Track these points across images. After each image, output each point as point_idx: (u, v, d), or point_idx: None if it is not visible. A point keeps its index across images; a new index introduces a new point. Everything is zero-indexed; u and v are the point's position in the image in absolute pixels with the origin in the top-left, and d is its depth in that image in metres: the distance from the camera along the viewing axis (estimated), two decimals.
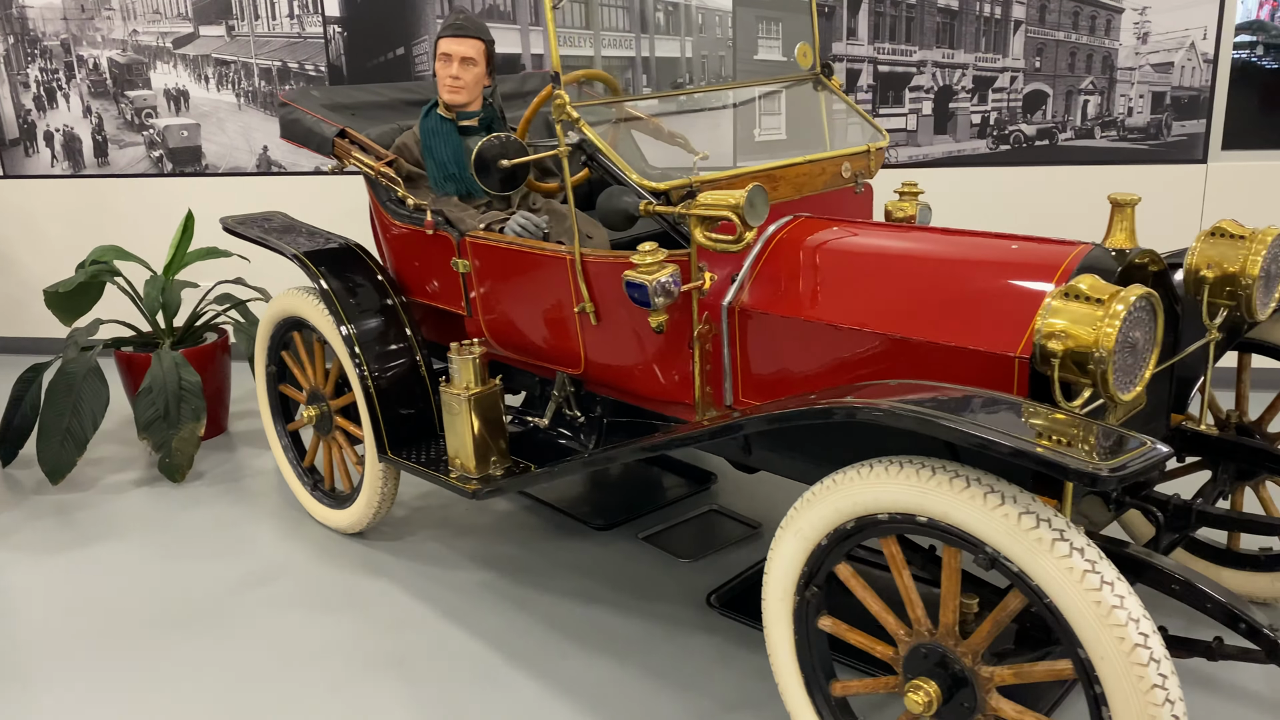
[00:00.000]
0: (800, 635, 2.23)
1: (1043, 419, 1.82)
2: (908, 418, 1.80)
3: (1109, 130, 4.63)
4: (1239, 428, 2.99)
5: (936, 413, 1.78)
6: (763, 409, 2.20)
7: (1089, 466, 1.60)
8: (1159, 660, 1.67)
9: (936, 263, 2.52)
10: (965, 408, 1.86)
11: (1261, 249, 2.41)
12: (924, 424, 1.78)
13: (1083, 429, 1.76)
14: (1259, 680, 2.70)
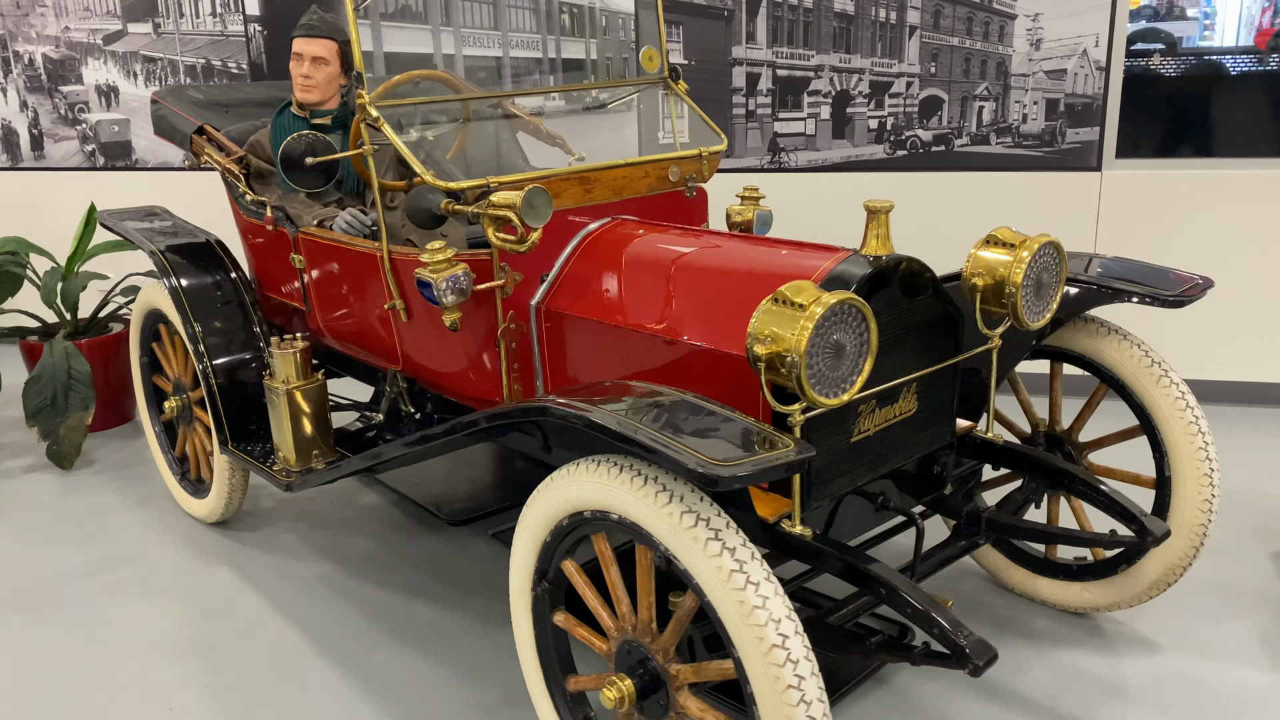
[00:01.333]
0: (539, 630, 2.26)
1: (715, 419, 1.85)
2: (573, 417, 1.83)
3: (1004, 136, 4.61)
4: (1049, 436, 2.99)
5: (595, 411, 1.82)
6: (506, 408, 2.24)
7: (702, 466, 1.63)
8: (796, 661, 1.69)
9: (711, 270, 2.55)
10: (653, 409, 1.89)
11: (1027, 256, 2.40)
12: (589, 424, 1.82)
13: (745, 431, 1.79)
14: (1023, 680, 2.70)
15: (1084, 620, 2.98)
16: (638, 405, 1.93)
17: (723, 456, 1.68)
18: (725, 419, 1.88)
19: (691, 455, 1.66)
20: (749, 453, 1.71)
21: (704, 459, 1.65)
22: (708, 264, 2.58)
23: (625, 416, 1.84)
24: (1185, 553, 2.70)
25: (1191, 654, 2.80)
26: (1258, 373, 4.54)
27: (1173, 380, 2.69)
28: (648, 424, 1.80)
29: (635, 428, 1.77)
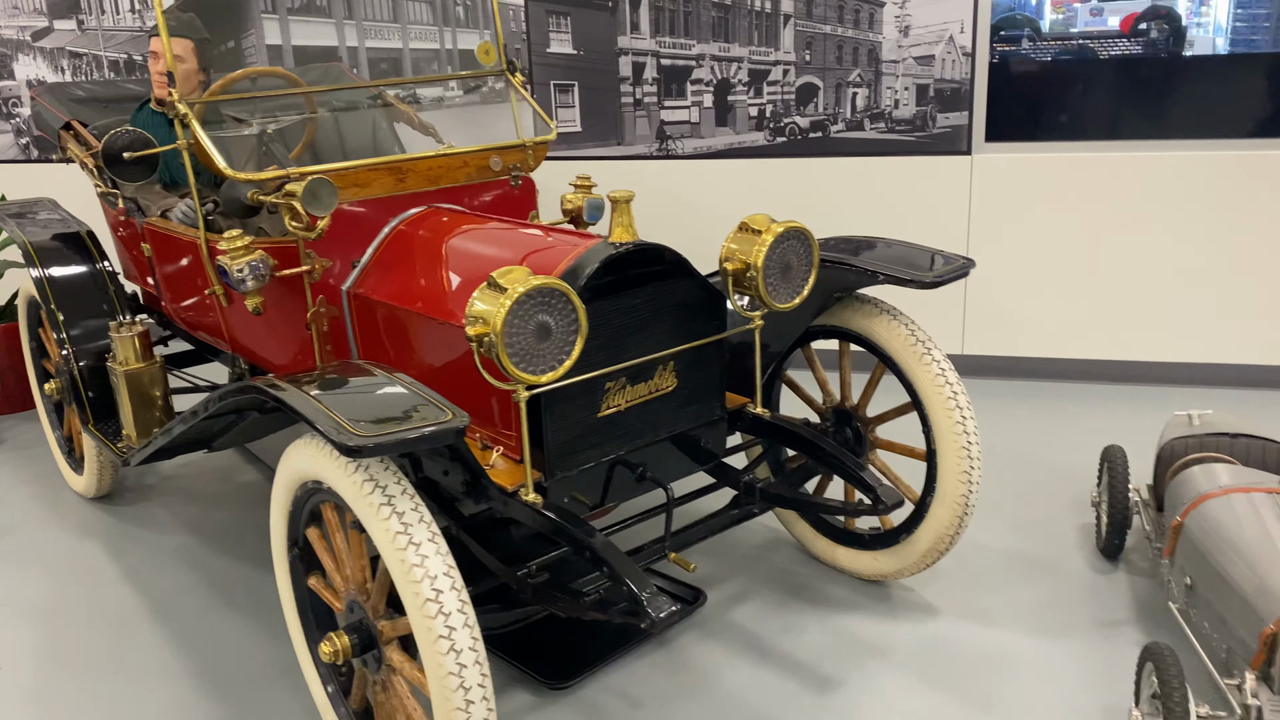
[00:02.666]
0: (297, 591, 2.44)
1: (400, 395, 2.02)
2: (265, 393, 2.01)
3: (877, 122, 4.72)
4: (839, 412, 3.13)
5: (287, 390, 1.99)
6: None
7: (339, 435, 1.80)
8: (449, 614, 1.86)
9: (479, 256, 2.72)
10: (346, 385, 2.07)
11: (769, 241, 2.54)
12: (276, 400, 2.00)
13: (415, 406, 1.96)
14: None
15: (876, 587, 3.13)
16: (338, 382, 2.10)
17: (376, 428, 1.85)
18: (409, 395, 2.04)
19: (339, 427, 1.83)
20: (403, 425, 1.87)
21: (348, 429, 1.82)
22: (479, 250, 2.74)
23: (316, 392, 2.01)
24: (951, 522, 2.84)
25: (965, 619, 2.94)
26: (1121, 351, 4.65)
27: (935, 358, 2.82)
28: (328, 398, 1.97)
29: (308, 402, 1.94)
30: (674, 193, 5.06)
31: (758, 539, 3.46)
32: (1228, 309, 4.46)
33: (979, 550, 3.31)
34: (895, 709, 2.57)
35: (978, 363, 4.92)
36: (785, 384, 3.28)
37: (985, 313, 4.78)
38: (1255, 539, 2.41)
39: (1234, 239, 4.37)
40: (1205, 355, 4.55)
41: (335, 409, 1.91)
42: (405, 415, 1.92)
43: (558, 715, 2.61)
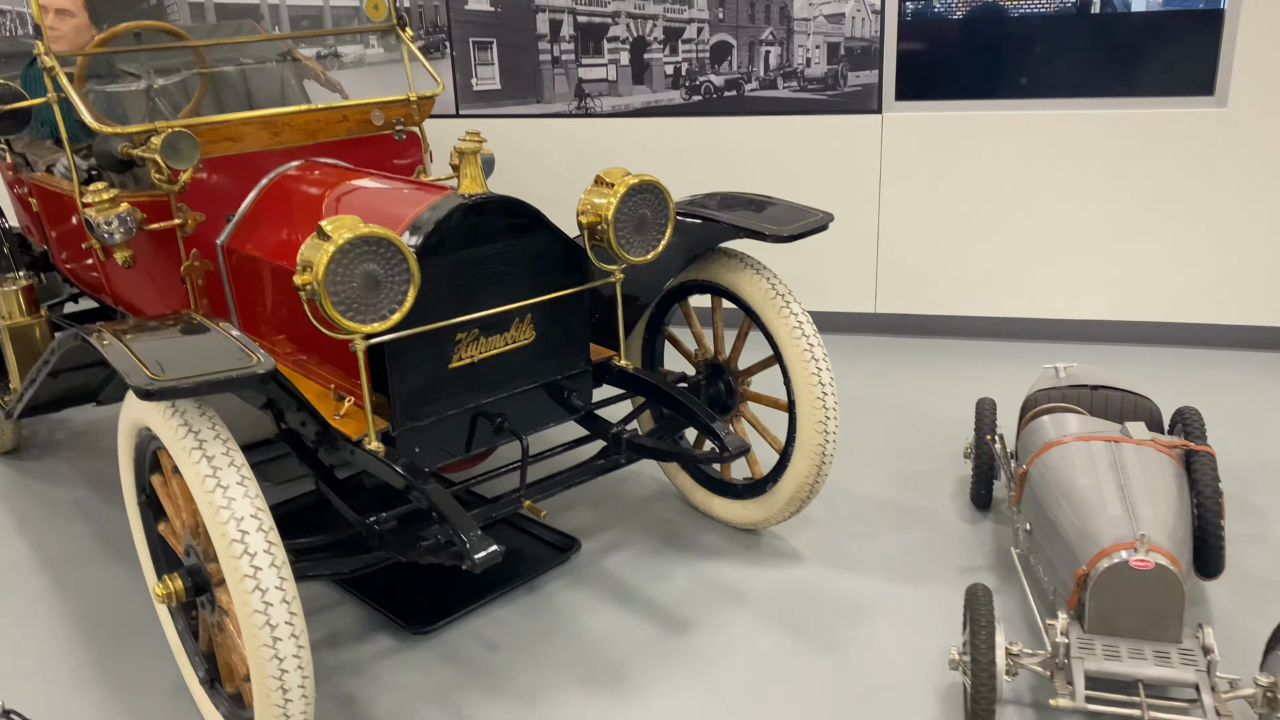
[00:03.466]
0: (148, 536, 2.49)
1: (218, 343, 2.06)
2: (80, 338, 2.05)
3: (790, 81, 4.73)
4: (712, 365, 3.18)
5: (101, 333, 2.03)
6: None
7: (134, 378, 1.84)
8: (254, 554, 1.91)
9: (339, 209, 2.74)
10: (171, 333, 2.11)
11: (620, 193, 2.57)
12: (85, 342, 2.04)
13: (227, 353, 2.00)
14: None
15: (748, 536, 3.20)
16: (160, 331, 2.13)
17: (176, 373, 1.89)
18: (221, 342, 2.08)
19: (140, 372, 1.87)
20: (203, 370, 1.91)
21: (147, 374, 1.86)
22: (339, 203, 2.77)
23: (134, 340, 2.05)
24: (810, 471, 2.91)
25: (829, 567, 3.01)
26: (1025, 309, 4.71)
27: (793, 310, 2.87)
28: (142, 346, 2.00)
29: (120, 350, 1.97)
30: (593, 151, 5.07)
31: (645, 491, 3.52)
32: (1127, 266, 4.52)
33: (856, 500, 3.38)
34: (742, 650, 2.65)
35: (891, 321, 4.98)
36: (666, 338, 3.32)
37: (897, 272, 4.83)
38: (1084, 485, 2.48)
39: (1133, 196, 4.42)
40: (1109, 312, 4.61)
41: (144, 356, 1.95)
42: (210, 361, 1.96)
43: (415, 658, 2.67)
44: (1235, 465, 3.46)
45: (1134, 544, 2.21)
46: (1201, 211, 4.37)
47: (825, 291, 4.96)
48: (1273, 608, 2.71)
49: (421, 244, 2.40)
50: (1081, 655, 2.19)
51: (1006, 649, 2.24)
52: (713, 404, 3.18)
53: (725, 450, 2.63)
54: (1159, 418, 2.97)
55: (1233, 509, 3.19)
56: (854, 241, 4.84)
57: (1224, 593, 2.78)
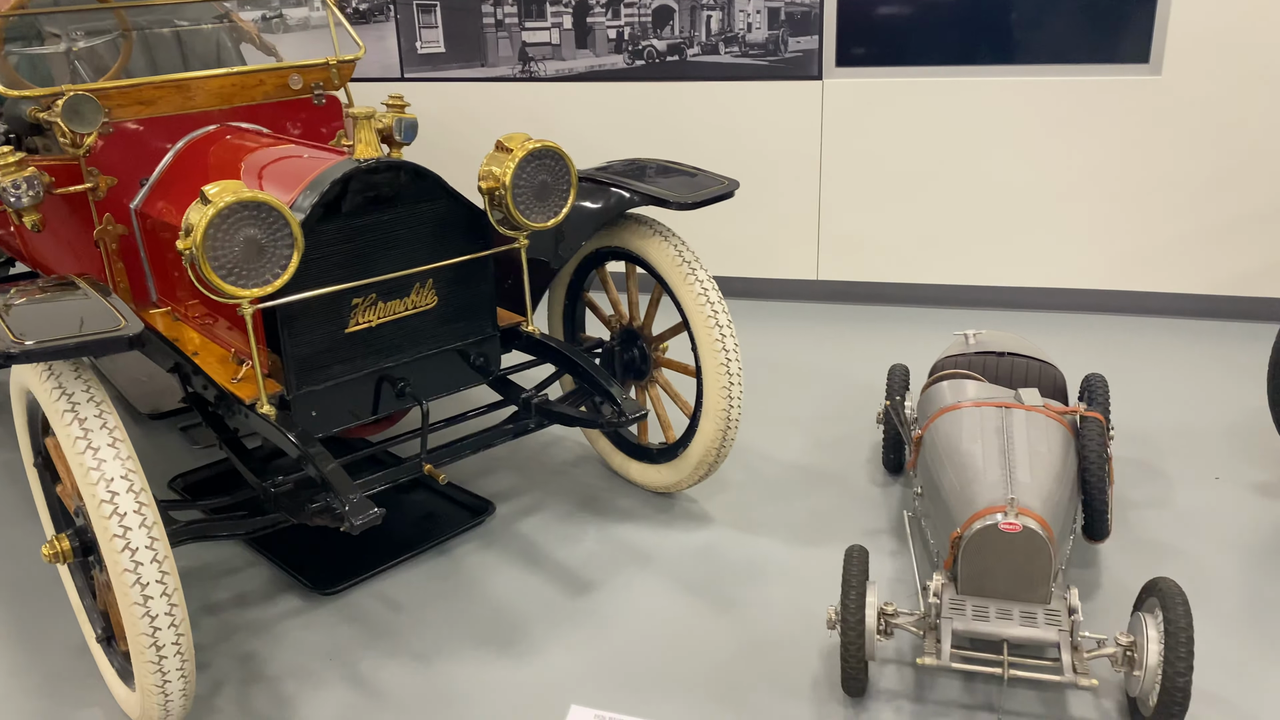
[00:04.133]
0: (47, 497, 2.52)
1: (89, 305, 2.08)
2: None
3: (731, 46, 4.72)
4: (627, 331, 3.21)
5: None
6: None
7: None
8: (123, 514, 1.94)
9: (243, 171, 2.75)
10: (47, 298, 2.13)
11: (518, 158, 2.59)
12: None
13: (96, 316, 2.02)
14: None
15: (663, 500, 3.24)
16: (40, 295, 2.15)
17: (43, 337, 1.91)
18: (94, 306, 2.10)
19: (4, 337, 1.89)
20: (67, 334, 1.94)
21: (10, 338, 1.88)
22: (241, 167, 2.77)
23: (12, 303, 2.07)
24: (715, 435, 2.94)
25: (737, 529, 3.06)
26: (962, 276, 4.74)
27: (699, 278, 2.89)
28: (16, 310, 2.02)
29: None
30: (537, 115, 5.06)
31: (568, 455, 3.56)
32: (1065, 234, 4.55)
33: (773, 464, 3.43)
34: (642, 610, 2.70)
35: (833, 288, 5.01)
36: (586, 304, 3.35)
37: (839, 239, 4.85)
38: (968, 450, 2.52)
39: (1071, 165, 4.44)
40: (1047, 280, 4.64)
41: (14, 320, 1.97)
42: (80, 324, 1.98)
43: (319, 617, 2.72)
44: (1150, 431, 3.51)
45: (1004, 508, 2.26)
46: (1137, 180, 4.39)
47: (768, 259, 4.98)
48: (1163, 570, 2.77)
49: (312, 210, 2.41)
50: (951, 615, 2.24)
51: (881, 609, 2.29)
52: (628, 369, 3.22)
53: (621, 414, 2.66)
54: (1063, 384, 3.01)
55: (1141, 474, 3.25)
56: (796, 209, 4.85)
57: (1117, 554, 2.83)
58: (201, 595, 2.84)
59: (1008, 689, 2.34)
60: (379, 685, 2.46)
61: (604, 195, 2.91)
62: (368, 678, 2.48)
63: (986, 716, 2.27)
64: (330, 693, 2.44)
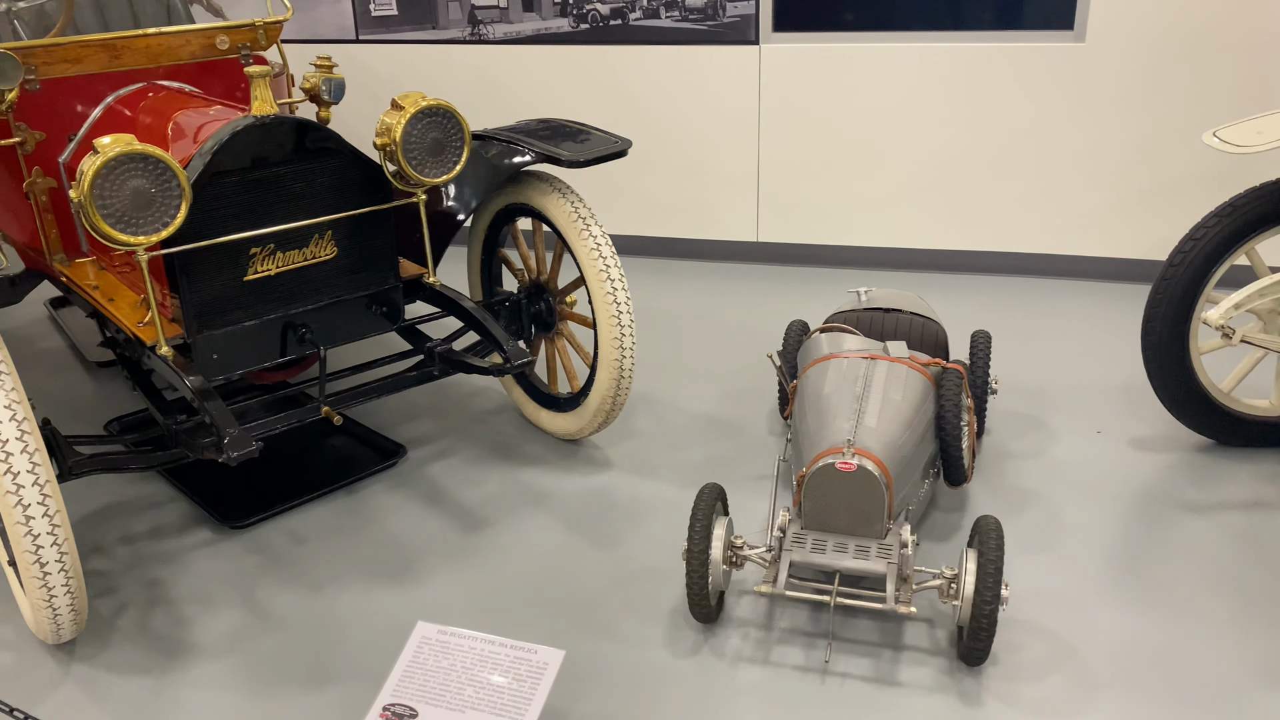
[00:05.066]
0: None
1: None
2: None
3: (672, 10, 4.82)
4: (534, 284, 3.35)
5: None
6: None
7: None
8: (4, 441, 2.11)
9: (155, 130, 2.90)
10: None
11: (408, 115, 2.72)
12: None
13: None
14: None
15: (570, 446, 3.40)
16: None
17: None
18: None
19: None
20: None
21: None
22: (159, 125, 2.92)
23: None
24: (610, 385, 3.10)
25: (633, 474, 3.22)
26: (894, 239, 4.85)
27: (592, 233, 3.02)
28: None
29: None
30: (486, 76, 5.17)
31: (489, 405, 3.72)
32: (994, 198, 4.65)
33: (680, 414, 3.58)
34: (528, 545, 2.86)
35: (773, 250, 5.13)
36: (501, 260, 3.49)
37: (778, 201, 4.96)
38: (828, 397, 2.67)
39: (999, 130, 4.54)
40: (977, 243, 4.76)
41: None
42: None
43: (226, 548, 2.90)
44: (1047, 388, 3.64)
45: (842, 449, 2.41)
46: (1064, 146, 4.49)
47: (710, 221, 5.10)
48: (1024, 515, 2.91)
49: (208, 163, 2.56)
50: (792, 548, 2.39)
51: (730, 542, 2.45)
52: (535, 321, 3.37)
53: (508, 361, 2.82)
54: (944, 340, 3.15)
55: (1027, 426, 3.38)
56: (736, 172, 4.96)
57: (987, 499, 2.98)
58: (122, 527, 3.02)
59: (851, 620, 2.50)
60: (269, 609, 2.64)
61: (502, 153, 3.04)
62: (261, 603, 2.66)
63: (824, 642, 2.43)
64: (224, 615, 2.62)
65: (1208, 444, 3.24)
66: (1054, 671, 2.32)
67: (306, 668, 2.42)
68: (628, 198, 5.18)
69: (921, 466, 2.64)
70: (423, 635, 2.11)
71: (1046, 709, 2.21)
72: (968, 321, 4.27)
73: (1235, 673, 2.30)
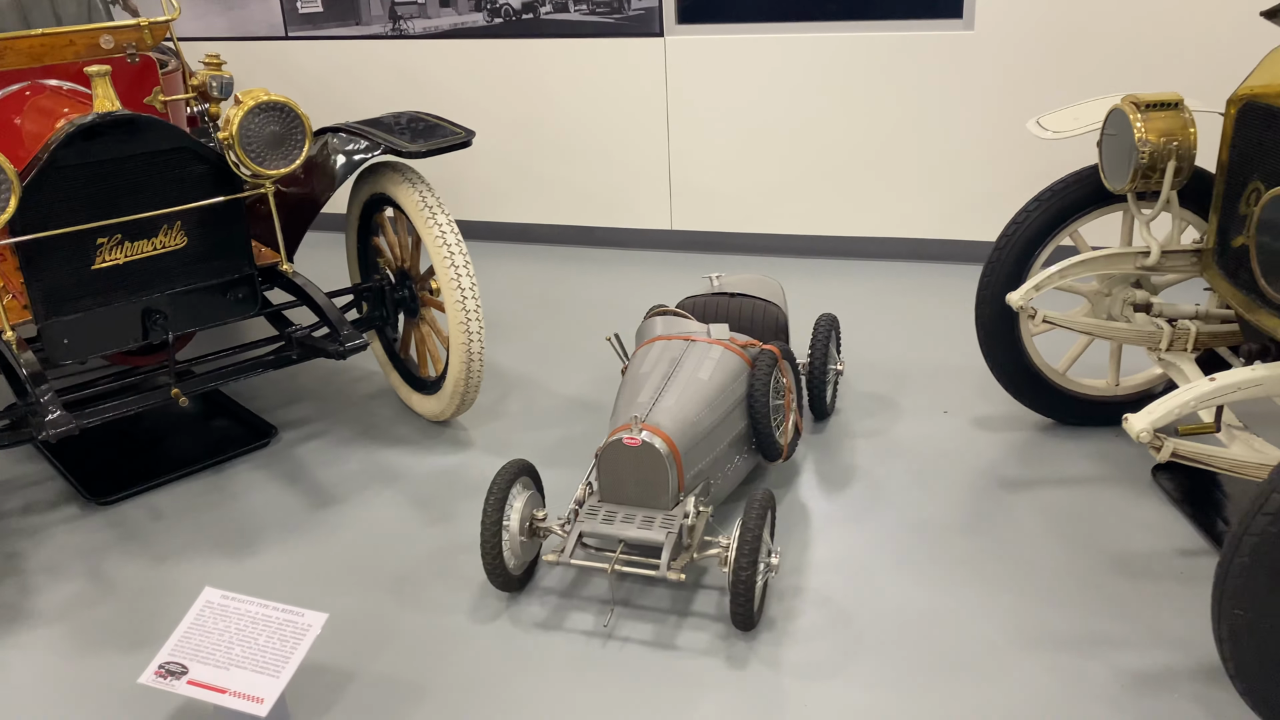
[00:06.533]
0: None
1: None
2: None
3: (581, 4, 4.92)
4: (399, 272, 3.48)
5: None
6: None
7: None
8: None
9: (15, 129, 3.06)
10: None
11: (243, 110, 2.86)
12: None
13: None
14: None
15: (437, 427, 3.54)
16: None
17: None
18: None
19: None
20: None
21: None
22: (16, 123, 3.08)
23: None
24: (460, 368, 3.23)
25: (486, 453, 3.35)
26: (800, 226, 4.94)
27: (437, 221, 3.15)
28: None
29: None
30: (406, 72, 5.31)
31: (371, 389, 3.86)
32: (889, 185, 4.73)
33: (551, 397, 3.70)
34: (365, 520, 3.00)
35: (687, 238, 5.24)
36: (375, 248, 3.62)
37: (689, 190, 5.06)
38: (640, 376, 2.78)
39: (895, 118, 4.61)
40: (873, 229, 4.84)
41: None
42: None
43: (88, 523, 3.06)
44: (908, 369, 3.73)
45: (630, 425, 2.52)
46: (955, 131, 4.55)
47: (626, 210, 5.21)
48: (847, 491, 3.01)
49: (47, 158, 2.71)
50: (584, 520, 2.51)
51: (533, 515, 2.57)
52: (401, 306, 3.50)
53: (339, 344, 2.95)
54: (784, 323, 3.25)
55: (877, 406, 3.48)
56: (648, 161, 5.07)
57: (813, 478, 3.08)
58: None
59: (649, 588, 2.62)
60: (112, 579, 2.79)
61: (348, 146, 3.17)
62: (106, 573, 2.82)
63: (619, 609, 2.55)
64: (69, 584, 2.78)
65: (1048, 423, 3.32)
66: (823, 637, 2.42)
67: (127, 634, 2.57)
68: (547, 186, 5.30)
69: (726, 443, 2.75)
70: (206, 600, 2.25)
71: (805, 671, 2.32)
72: (845, 306, 4.35)
73: (994, 638, 2.39)
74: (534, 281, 4.91)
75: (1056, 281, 2.79)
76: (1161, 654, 2.31)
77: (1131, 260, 2.78)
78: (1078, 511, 2.85)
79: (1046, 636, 2.39)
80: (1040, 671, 2.28)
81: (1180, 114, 2.61)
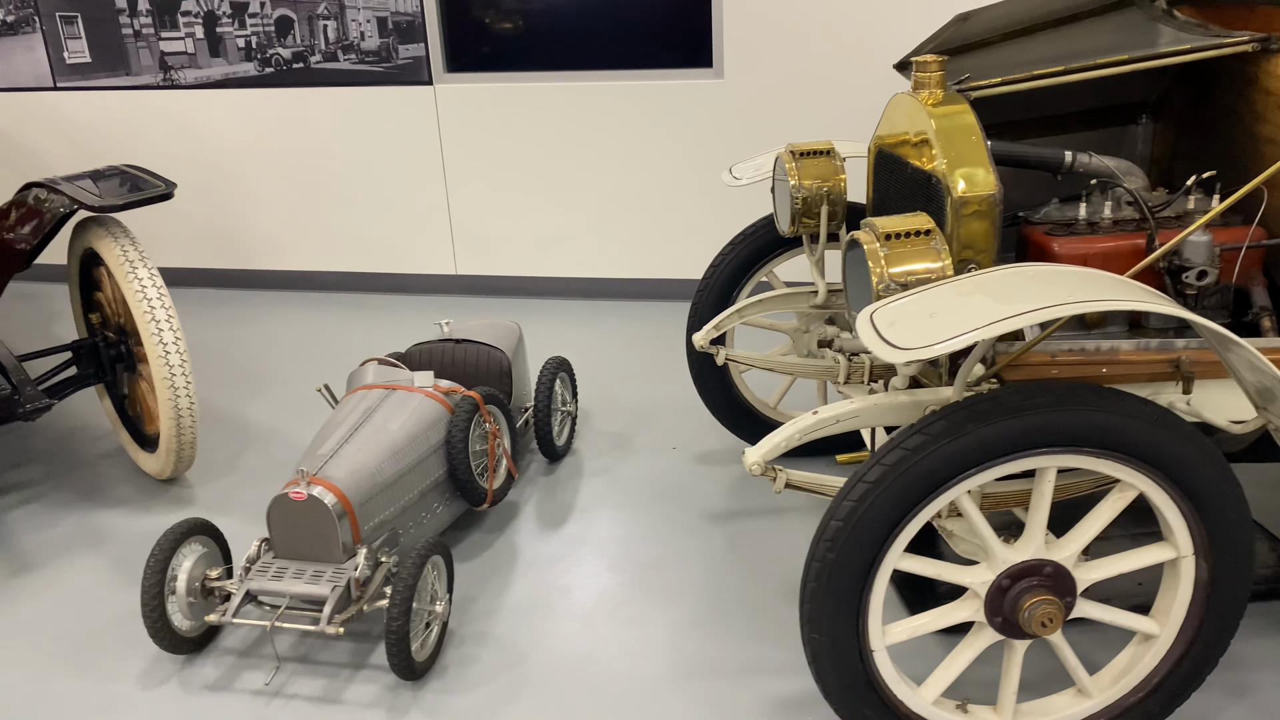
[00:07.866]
0: None
1: None
2: None
3: (349, 53, 4.93)
4: (117, 326, 3.40)
5: None
6: None
7: None
8: None
9: None
10: None
11: None
12: None
13: None
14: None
15: (165, 486, 3.44)
16: None
17: None
18: None
19: None
20: None
21: None
22: None
23: None
24: (170, 425, 3.15)
25: (202, 512, 3.27)
26: (571, 269, 5.02)
27: (138, 275, 3.09)
28: None
29: None
30: (179, 122, 5.22)
31: (106, 447, 3.73)
32: (656, 229, 4.85)
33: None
34: (58, 583, 2.89)
35: (470, 282, 5.26)
36: (96, 302, 3.53)
37: (470, 235, 5.10)
38: (329, 426, 2.77)
39: (653, 164, 4.74)
40: (643, 271, 4.95)
41: None
42: None
43: None
44: (650, 408, 3.80)
45: (298, 479, 2.50)
46: (714, 176, 4.71)
47: (409, 256, 5.21)
48: (562, 530, 3.04)
49: None
50: (253, 577, 2.47)
51: (205, 575, 2.52)
52: (119, 361, 3.41)
53: (23, 409, 2.86)
54: (507, 367, 3.28)
55: (610, 445, 3.54)
56: (429, 208, 5.08)
57: (532, 521, 3.11)
58: None
59: (333, 643, 2.59)
60: None
61: (51, 201, 3.10)
62: None
63: (289, 665, 2.51)
64: None
65: None
66: (491, 681, 2.43)
67: None
68: (328, 234, 5.26)
69: (419, 490, 2.75)
70: None
71: (463, 716, 2.32)
72: (603, 344, 4.42)
73: (657, 672, 2.44)
74: (305, 330, 4.85)
75: (736, 321, 2.89)
76: (807, 678, 2.39)
77: (805, 299, 2.91)
78: (764, 542, 2.95)
79: (706, 667, 2.45)
80: (688, 703, 2.34)
81: (831, 160, 2.76)
